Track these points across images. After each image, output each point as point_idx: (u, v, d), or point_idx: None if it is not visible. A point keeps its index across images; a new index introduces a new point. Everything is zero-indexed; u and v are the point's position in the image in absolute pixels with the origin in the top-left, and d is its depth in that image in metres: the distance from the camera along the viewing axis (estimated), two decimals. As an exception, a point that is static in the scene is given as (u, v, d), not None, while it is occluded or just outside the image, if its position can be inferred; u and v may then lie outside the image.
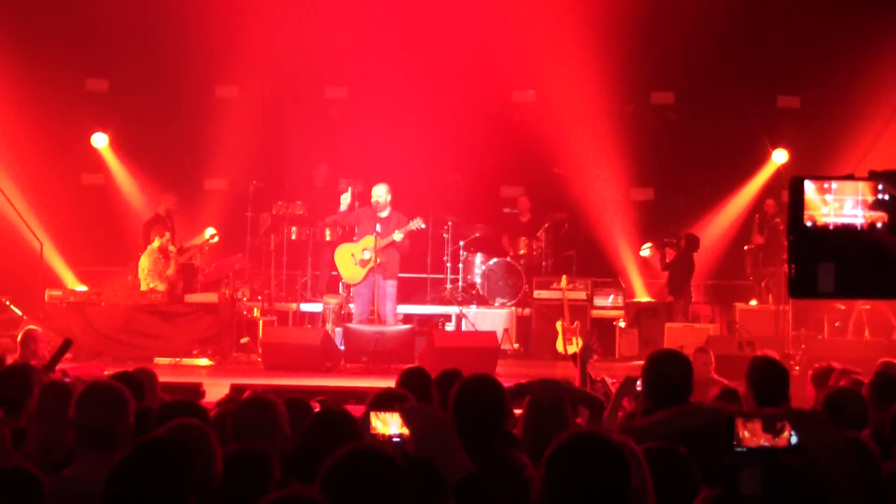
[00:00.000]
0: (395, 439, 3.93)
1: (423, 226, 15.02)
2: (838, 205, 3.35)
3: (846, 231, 3.37)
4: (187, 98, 18.42)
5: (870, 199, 3.36)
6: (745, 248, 17.29)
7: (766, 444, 3.72)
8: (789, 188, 3.45)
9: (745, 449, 3.73)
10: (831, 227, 3.37)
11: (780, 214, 16.52)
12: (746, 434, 3.73)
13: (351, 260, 14.76)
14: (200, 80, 18.32)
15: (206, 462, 4.12)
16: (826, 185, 3.38)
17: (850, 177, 3.41)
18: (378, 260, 14.54)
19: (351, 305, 15.20)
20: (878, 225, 3.36)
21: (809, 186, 3.38)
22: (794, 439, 3.71)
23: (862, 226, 3.37)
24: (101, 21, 17.88)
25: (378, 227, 14.62)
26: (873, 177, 3.40)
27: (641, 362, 6.11)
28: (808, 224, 3.38)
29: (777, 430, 3.72)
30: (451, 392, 5.05)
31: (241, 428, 4.93)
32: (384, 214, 14.76)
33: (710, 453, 4.01)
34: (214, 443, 4.27)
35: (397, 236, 14.58)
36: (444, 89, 18.23)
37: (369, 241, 14.59)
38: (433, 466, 3.58)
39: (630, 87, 18.19)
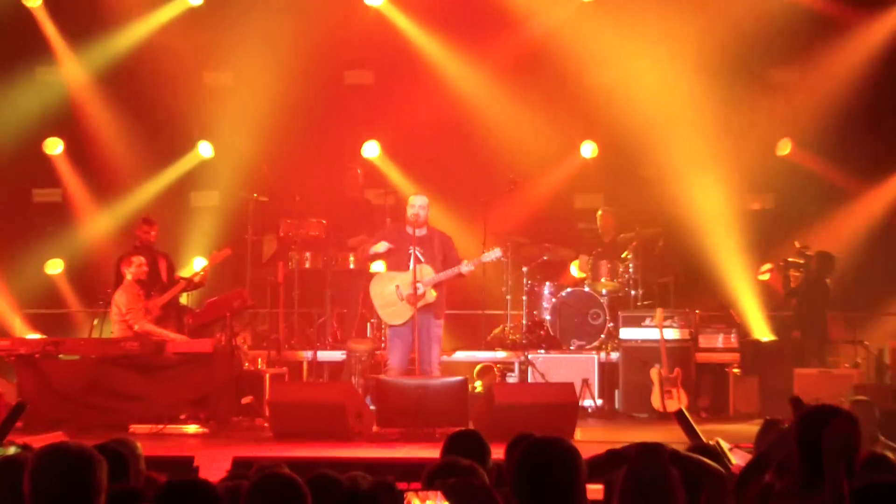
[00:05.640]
0: None
1: (501, 257, 15.05)
2: None
3: None
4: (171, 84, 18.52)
5: None
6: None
7: None
8: None
9: None
10: None
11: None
12: None
13: (394, 294, 14.59)
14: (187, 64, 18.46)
15: None
16: None
17: None
18: (434, 295, 14.45)
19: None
20: None
21: None
22: None
23: None
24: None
25: (416, 251, 14.39)
26: None
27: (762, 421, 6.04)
28: None
29: None
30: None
31: None
32: (422, 233, 14.59)
33: None
34: None
35: (465, 267, 14.36)
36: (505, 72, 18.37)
37: (421, 270, 14.45)
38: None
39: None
